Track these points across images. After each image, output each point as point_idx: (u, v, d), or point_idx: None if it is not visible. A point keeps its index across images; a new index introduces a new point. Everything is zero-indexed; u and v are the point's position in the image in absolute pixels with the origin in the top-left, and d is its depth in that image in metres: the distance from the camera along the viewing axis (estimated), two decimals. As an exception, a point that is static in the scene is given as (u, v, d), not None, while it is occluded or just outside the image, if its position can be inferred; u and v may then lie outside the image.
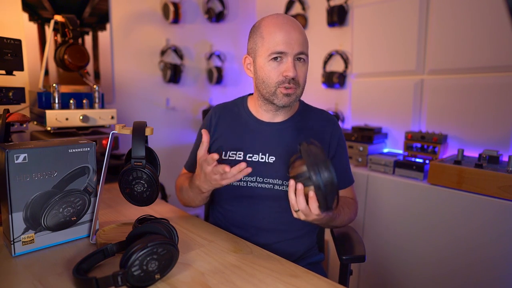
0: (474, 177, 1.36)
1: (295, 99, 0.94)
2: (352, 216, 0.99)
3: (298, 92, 0.94)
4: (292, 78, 0.90)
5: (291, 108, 1.01)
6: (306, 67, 0.94)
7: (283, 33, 0.89)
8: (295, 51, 0.89)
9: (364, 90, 2.05)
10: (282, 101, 0.93)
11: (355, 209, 1.02)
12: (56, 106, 1.31)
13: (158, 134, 1.87)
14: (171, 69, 2.12)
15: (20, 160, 0.71)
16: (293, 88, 0.91)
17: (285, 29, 0.89)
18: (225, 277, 0.69)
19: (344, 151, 1.05)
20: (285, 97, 0.92)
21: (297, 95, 0.94)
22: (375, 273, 1.71)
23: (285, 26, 0.90)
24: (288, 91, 0.91)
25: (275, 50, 0.89)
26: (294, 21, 0.93)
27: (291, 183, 0.73)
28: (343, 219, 0.94)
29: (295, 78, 0.91)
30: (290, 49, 0.89)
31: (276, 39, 0.89)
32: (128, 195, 0.78)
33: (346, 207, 0.96)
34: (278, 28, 0.90)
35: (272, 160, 0.97)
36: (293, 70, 0.89)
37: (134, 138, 0.75)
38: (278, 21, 0.91)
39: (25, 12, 1.59)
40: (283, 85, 0.91)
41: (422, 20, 1.75)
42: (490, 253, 1.31)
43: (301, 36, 0.91)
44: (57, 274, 0.68)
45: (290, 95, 0.92)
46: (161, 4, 2.12)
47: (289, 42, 0.88)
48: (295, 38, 0.89)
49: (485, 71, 1.57)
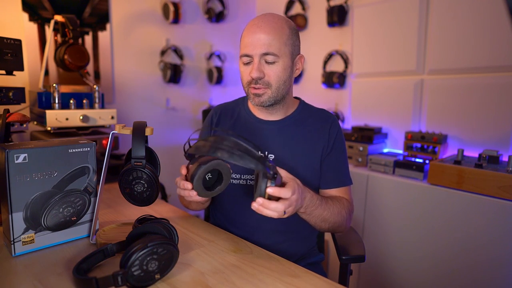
0: (474, 177, 1.36)
1: (267, 99, 0.94)
2: (344, 214, 0.93)
3: (270, 92, 0.93)
4: (259, 78, 0.91)
5: (285, 106, 1.01)
6: (279, 67, 0.91)
7: (249, 35, 0.91)
8: (260, 51, 0.89)
9: (364, 90, 2.05)
10: (254, 101, 0.95)
11: (348, 209, 0.96)
12: (56, 106, 1.31)
13: (158, 134, 1.87)
14: (171, 69, 2.12)
15: (20, 160, 0.71)
16: (261, 88, 0.92)
17: (251, 31, 0.91)
18: (225, 277, 0.69)
19: (340, 151, 1.02)
20: (255, 97, 0.94)
21: (270, 95, 0.93)
22: (375, 273, 1.71)
23: (253, 27, 0.91)
24: (257, 91, 0.93)
25: (242, 53, 0.93)
26: (268, 21, 0.90)
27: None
28: (331, 212, 0.89)
29: (263, 78, 0.91)
30: (253, 51, 0.90)
31: (244, 41, 0.92)
32: (128, 195, 0.78)
33: (333, 203, 0.91)
34: (247, 31, 0.92)
35: (271, 158, 0.98)
36: (256, 71, 0.90)
37: (134, 138, 0.75)
38: (251, 23, 0.93)
39: (25, 12, 1.59)
40: (251, 86, 0.93)
41: (422, 20, 1.75)
42: (490, 253, 1.31)
43: (268, 36, 0.89)
44: (57, 274, 0.68)
45: (260, 95, 0.93)
46: (161, 4, 2.12)
47: (252, 44, 0.90)
48: (260, 39, 0.89)
49: (485, 71, 1.57)
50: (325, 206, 0.88)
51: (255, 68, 0.90)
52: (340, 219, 0.93)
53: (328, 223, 0.90)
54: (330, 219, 0.90)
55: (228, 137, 0.67)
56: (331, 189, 0.99)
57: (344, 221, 0.94)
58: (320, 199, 0.87)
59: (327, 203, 0.89)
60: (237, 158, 0.64)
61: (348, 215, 0.96)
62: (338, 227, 0.95)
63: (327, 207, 0.88)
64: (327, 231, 0.96)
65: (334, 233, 1.10)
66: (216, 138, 0.67)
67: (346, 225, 0.97)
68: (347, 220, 0.96)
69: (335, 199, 0.95)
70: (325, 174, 0.99)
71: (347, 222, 0.97)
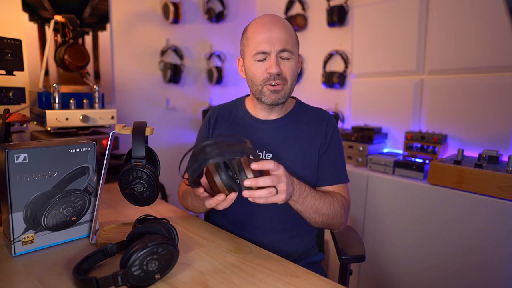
0: (474, 177, 1.36)
1: (283, 95, 0.94)
2: (336, 206, 0.92)
3: (286, 89, 0.94)
4: (278, 74, 0.91)
5: (284, 105, 1.02)
6: (293, 63, 0.94)
7: (265, 32, 0.91)
8: (277, 48, 0.90)
9: (364, 90, 2.05)
10: (270, 98, 0.94)
11: (342, 203, 0.94)
12: (56, 106, 1.31)
13: (158, 134, 1.87)
14: (171, 69, 2.12)
15: (20, 160, 0.71)
16: (280, 84, 0.92)
17: (266, 27, 0.91)
18: (225, 277, 0.69)
19: (337, 148, 1.01)
20: (272, 94, 0.93)
21: (286, 91, 0.94)
22: (375, 273, 1.71)
23: (267, 24, 0.91)
24: (275, 88, 0.92)
25: (258, 50, 0.92)
26: (279, 19, 0.93)
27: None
28: (323, 202, 0.88)
29: (281, 74, 0.92)
30: (271, 47, 0.90)
31: (259, 38, 0.91)
32: (128, 195, 0.78)
33: (325, 194, 0.91)
34: (261, 28, 0.92)
35: (268, 157, 0.98)
36: (276, 67, 0.90)
37: (134, 138, 0.75)
38: (261, 21, 0.93)
39: (25, 12, 1.59)
40: (268, 82, 0.93)
41: (422, 20, 1.75)
42: (490, 253, 1.31)
43: (283, 33, 0.91)
44: (57, 274, 0.68)
45: (277, 92, 0.93)
46: (161, 4, 2.12)
47: (270, 41, 0.90)
48: (277, 36, 0.90)
49: (485, 71, 1.57)
50: (316, 195, 0.87)
51: (274, 64, 0.90)
52: (333, 212, 0.91)
53: (322, 214, 0.88)
54: (323, 210, 0.88)
55: (205, 143, 0.68)
56: (327, 186, 0.99)
57: (337, 214, 0.92)
58: (309, 188, 0.86)
59: (317, 192, 0.88)
60: (227, 154, 0.66)
61: (342, 209, 0.93)
62: (332, 220, 0.92)
63: (317, 195, 0.87)
64: (322, 225, 0.92)
65: (331, 230, 1.06)
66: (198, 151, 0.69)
67: (340, 221, 0.94)
68: (342, 215, 0.94)
69: (327, 192, 0.95)
70: (322, 172, 1.00)
71: (342, 218, 0.94)
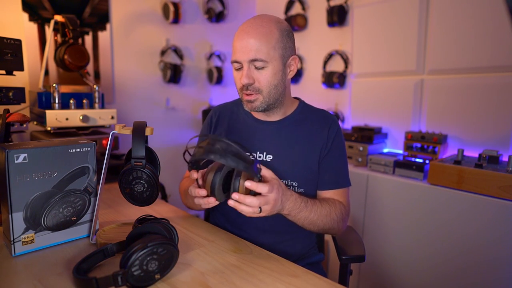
0: (474, 177, 1.36)
1: (259, 105, 0.93)
2: (334, 216, 0.91)
3: (262, 98, 0.93)
4: (250, 85, 0.91)
5: (283, 107, 1.01)
6: (269, 72, 0.90)
7: (238, 42, 0.90)
8: (248, 58, 0.89)
9: (364, 90, 2.05)
10: (247, 106, 0.95)
11: (340, 212, 0.94)
12: (56, 106, 1.31)
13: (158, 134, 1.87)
14: (171, 69, 2.13)
15: (20, 160, 0.71)
16: (253, 94, 0.92)
17: (240, 36, 0.90)
18: (225, 277, 0.69)
19: (339, 152, 1.00)
20: (248, 103, 0.94)
21: (261, 100, 0.93)
22: (375, 273, 1.71)
23: (241, 33, 0.90)
24: (249, 98, 0.93)
25: (233, 58, 0.93)
26: (254, 27, 0.89)
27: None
28: (318, 214, 0.87)
29: (253, 84, 0.91)
30: (243, 57, 0.89)
31: (235, 47, 0.92)
32: (128, 195, 0.78)
33: (322, 205, 0.90)
34: (236, 36, 0.92)
35: (269, 159, 0.98)
36: (246, 78, 0.89)
37: (134, 138, 0.75)
38: (240, 28, 0.92)
39: (25, 12, 1.59)
40: (243, 92, 0.93)
41: (422, 20, 1.75)
42: (490, 253, 1.31)
43: (256, 42, 0.87)
44: (57, 274, 0.68)
45: (252, 101, 0.93)
46: (161, 4, 2.12)
47: (241, 51, 0.89)
48: (248, 45, 0.88)
49: (485, 71, 1.57)
50: (312, 208, 0.87)
51: (244, 75, 0.90)
52: (330, 222, 0.90)
53: (316, 226, 0.89)
54: (318, 222, 0.88)
55: (221, 140, 0.69)
56: (327, 191, 0.98)
57: (334, 224, 0.92)
58: (306, 202, 0.86)
59: (314, 205, 0.88)
60: (230, 161, 0.66)
61: (340, 218, 0.93)
62: (328, 230, 0.93)
63: (313, 209, 0.87)
64: (318, 233, 0.96)
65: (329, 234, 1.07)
66: (208, 142, 0.69)
67: (338, 228, 0.94)
68: (339, 223, 0.93)
69: (325, 201, 0.94)
70: (322, 175, 0.99)
71: (339, 225, 0.94)
